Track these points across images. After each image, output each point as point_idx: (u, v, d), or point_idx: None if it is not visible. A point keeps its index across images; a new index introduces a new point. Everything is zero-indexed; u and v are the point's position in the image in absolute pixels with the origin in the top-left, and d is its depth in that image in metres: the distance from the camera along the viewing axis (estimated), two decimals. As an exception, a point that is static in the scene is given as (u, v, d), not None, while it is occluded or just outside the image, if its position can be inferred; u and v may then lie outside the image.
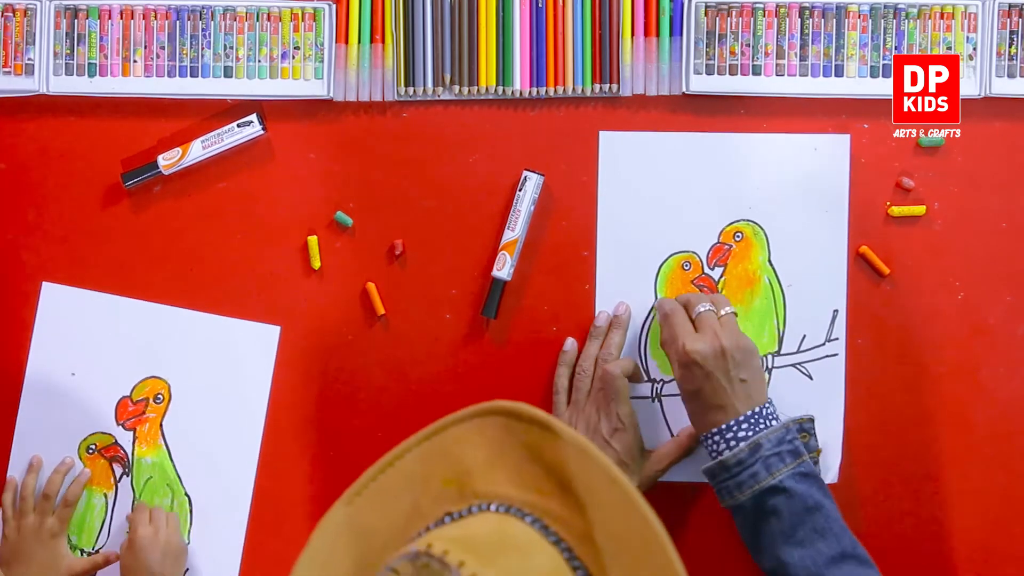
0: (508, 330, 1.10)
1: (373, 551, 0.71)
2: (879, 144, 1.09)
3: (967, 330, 1.09)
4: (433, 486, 0.72)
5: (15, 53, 1.10)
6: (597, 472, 0.68)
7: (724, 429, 0.96)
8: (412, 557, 0.63)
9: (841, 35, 1.09)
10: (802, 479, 0.94)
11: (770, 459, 0.94)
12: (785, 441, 0.95)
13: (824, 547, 0.92)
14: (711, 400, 0.97)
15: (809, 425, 1.01)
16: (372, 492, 0.73)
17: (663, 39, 1.10)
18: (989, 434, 1.08)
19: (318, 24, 1.10)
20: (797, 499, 0.93)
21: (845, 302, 1.09)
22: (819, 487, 0.95)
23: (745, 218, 1.09)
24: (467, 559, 0.61)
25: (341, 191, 1.11)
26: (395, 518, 0.72)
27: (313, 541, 0.71)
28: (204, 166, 1.11)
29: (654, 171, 1.09)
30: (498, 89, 1.10)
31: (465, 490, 0.71)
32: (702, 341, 0.97)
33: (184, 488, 1.10)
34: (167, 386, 1.11)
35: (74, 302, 1.11)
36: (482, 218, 1.10)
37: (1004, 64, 1.09)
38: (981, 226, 1.09)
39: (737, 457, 0.95)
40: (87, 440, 1.11)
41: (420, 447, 0.73)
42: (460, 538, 0.65)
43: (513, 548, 0.66)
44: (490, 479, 0.71)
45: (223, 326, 1.10)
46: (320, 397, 1.11)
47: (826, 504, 0.94)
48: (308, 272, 1.11)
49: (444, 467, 0.72)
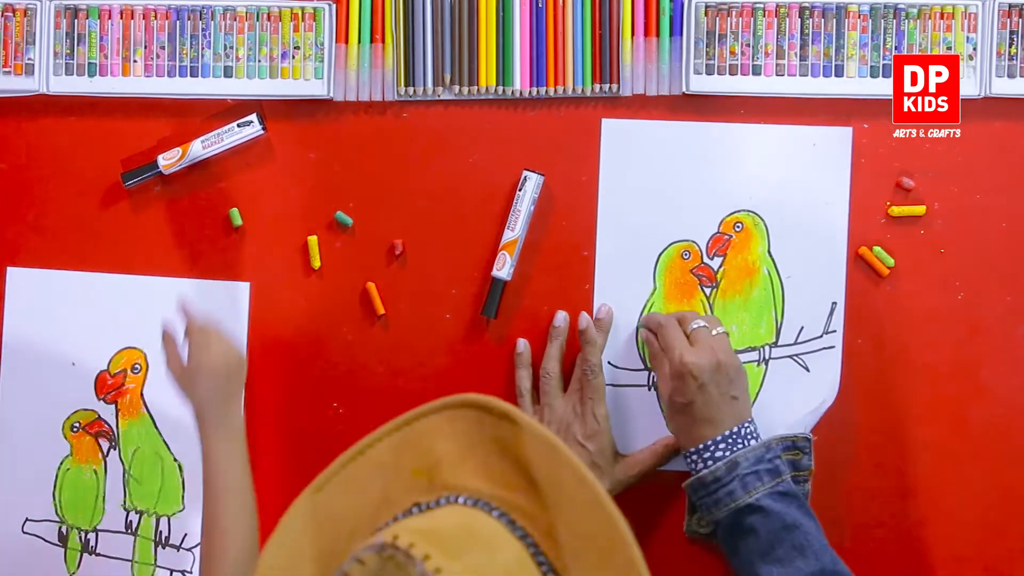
0: (508, 330, 1.10)
1: (341, 538, 0.71)
2: (879, 144, 1.09)
3: (967, 330, 1.09)
4: (403, 476, 0.72)
5: (15, 53, 1.10)
6: (566, 470, 0.68)
7: (702, 448, 0.96)
8: (378, 549, 0.63)
9: (841, 35, 1.09)
10: (780, 498, 0.94)
11: (747, 477, 0.94)
12: (764, 460, 0.95)
13: (803, 565, 0.91)
14: (701, 413, 0.97)
15: (804, 443, 1.01)
16: (342, 479, 0.73)
17: (663, 39, 1.10)
18: (989, 434, 1.08)
19: (318, 24, 1.10)
20: (774, 517, 0.93)
21: (844, 295, 1.09)
22: (799, 506, 0.95)
23: (746, 208, 1.10)
24: (433, 552, 0.61)
25: (341, 191, 1.11)
26: (364, 506, 0.72)
27: (281, 527, 0.72)
28: (204, 166, 1.11)
29: (656, 160, 1.09)
30: (498, 89, 1.10)
31: (435, 481, 0.71)
32: (700, 355, 0.97)
33: (173, 454, 1.10)
34: (143, 355, 1.11)
35: (40, 283, 1.10)
36: (482, 218, 1.10)
37: (1004, 64, 1.09)
38: (981, 226, 1.09)
39: (714, 475, 0.95)
40: (70, 418, 1.11)
41: (391, 437, 0.73)
42: (426, 530, 0.65)
43: (479, 542, 0.66)
44: (459, 471, 0.71)
45: (192, 288, 1.10)
46: (320, 399, 1.11)
47: (805, 523, 0.93)
48: (308, 272, 1.11)
49: (414, 457, 0.72)
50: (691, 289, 1.09)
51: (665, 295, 1.09)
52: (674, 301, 1.09)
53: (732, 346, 1.01)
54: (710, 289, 1.09)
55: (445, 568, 0.61)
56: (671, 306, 1.09)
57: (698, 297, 1.09)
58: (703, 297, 1.09)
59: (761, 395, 1.09)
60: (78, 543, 1.11)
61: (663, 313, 1.07)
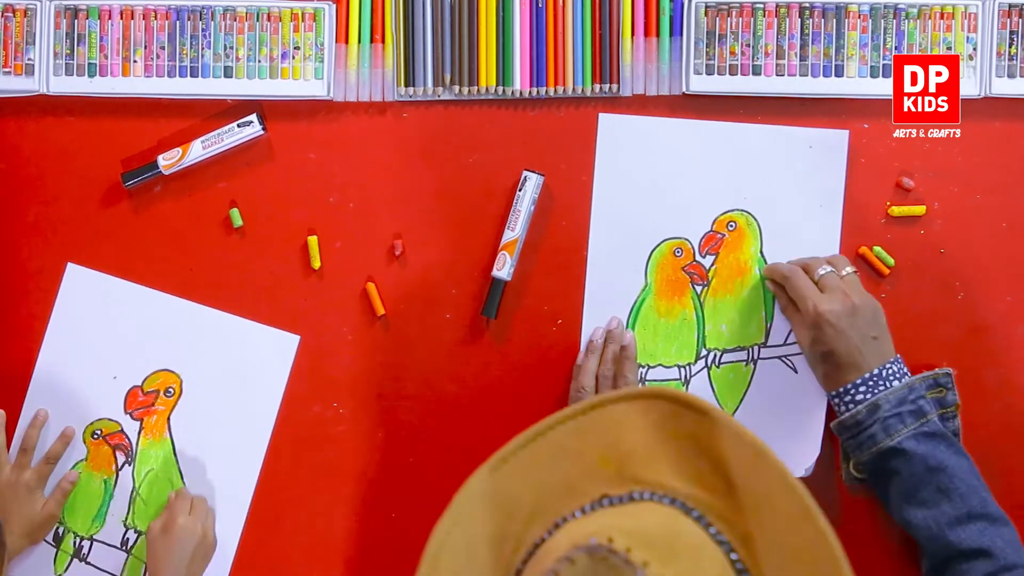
0: (508, 330, 1.10)
1: (517, 520, 0.67)
2: (879, 144, 1.09)
3: (967, 330, 1.09)
4: (587, 463, 0.69)
5: (15, 53, 1.10)
6: (773, 477, 0.64)
7: (843, 392, 0.96)
8: (591, 550, 0.60)
9: (841, 35, 1.09)
10: (925, 439, 0.93)
11: (888, 420, 0.94)
12: (907, 401, 0.95)
13: (948, 508, 0.91)
14: (844, 359, 0.96)
15: (945, 379, 1.00)
16: (520, 460, 0.69)
17: (663, 39, 1.10)
18: (989, 434, 1.08)
19: (318, 24, 1.10)
20: (917, 460, 0.92)
21: None
22: (947, 445, 0.94)
23: (740, 208, 1.10)
24: (650, 559, 0.59)
25: (341, 191, 1.11)
26: (543, 490, 0.68)
27: (456, 503, 0.68)
28: (204, 166, 1.11)
29: (651, 156, 1.10)
30: (498, 89, 1.10)
31: (624, 473, 0.68)
32: (833, 301, 0.97)
33: (184, 484, 1.10)
34: (179, 381, 1.11)
35: (96, 286, 1.10)
36: (482, 218, 1.10)
37: (1004, 64, 1.09)
38: (981, 226, 1.09)
39: (855, 418, 0.95)
40: (93, 425, 1.11)
41: (575, 420, 0.69)
42: (636, 533, 0.62)
43: (685, 548, 0.63)
44: (652, 466, 0.68)
45: (243, 328, 1.10)
46: (321, 399, 1.11)
47: (951, 463, 0.93)
48: (308, 272, 1.11)
49: (601, 445, 0.69)
50: (682, 287, 1.09)
51: (656, 292, 1.09)
52: (665, 298, 1.09)
53: (730, 342, 1.01)
54: (701, 287, 1.09)
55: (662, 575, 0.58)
56: (662, 304, 1.09)
57: (689, 295, 1.09)
58: (694, 295, 1.09)
59: (748, 395, 1.09)
60: (71, 547, 1.10)
61: (783, 263, 1.04)
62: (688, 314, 1.09)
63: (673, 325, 1.09)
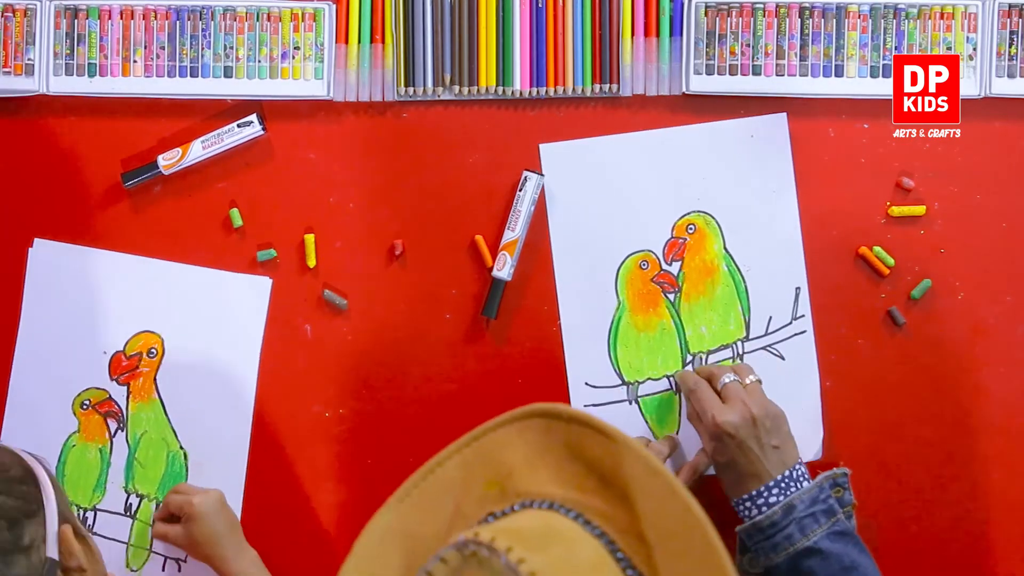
0: (508, 330, 1.10)
1: (418, 555, 0.70)
2: (879, 144, 1.09)
3: (967, 330, 1.09)
4: (475, 490, 0.72)
5: (15, 53, 1.10)
6: (638, 464, 0.67)
7: (755, 495, 0.96)
8: (459, 546, 0.63)
9: (841, 35, 1.09)
10: (837, 538, 0.94)
11: (804, 520, 0.94)
12: (819, 501, 0.96)
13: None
14: (745, 469, 0.97)
15: (843, 479, 1.01)
16: (414, 499, 0.72)
17: (663, 39, 1.10)
18: (989, 434, 1.08)
19: (318, 24, 1.10)
20: (833, 559, 0.93)
21: (806, 279, 1.09)
22: (855, 544, 0.95)
23: (696, 209, 1.10)
24: (515, 545, 0.61)
25: (341, 191, 1.11)
26: (438, 522, 0.72)
27: (359, 546, 0.71)
28: (204, 166, 1.11)
29: (599, 176, 1.10)
30: (498, 89, 1.10)
31: (507, 490, 0.71)
32: (732, 412, 0.97)
33: (179, 442, 1.10)
34: (160, 340, 1.11)
35: (64, 258, 1.10)
36: (482, 218, 1.10)
37: (1004, 64, 1.09)
38: (981, 226, 1.09)
39: (771, 519, 0.95)
40: (81, 395, 1.11)
41: (460, 454, 0.73)
42: (505, 529, 0.65)
43: (559, 539, 0.65)
44: (531, 478, 0.71)
45: (216, 279, 1.10)
46: (321, 399, 1.11)
47: (862, 563, 0.94)
48: (304, 271, 1.10)
49: (485, 471, 0.72)
50: (655, 298, 1.09)
51: (630, 308, 1.09)
52: (640, 313, 1.09)
53: (713, 342, 1.01)
54: (674, 295, 1.09)
55: (528, 559, 0.61)
56: (638, 318, 1.09)
57: (663, 304, 1.09)
58: (668, 303, 1.09)
59: None
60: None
61: (691, 373, 1.06)
62: (666, 324, 1.09)
63: (654, 337, 1.09)
